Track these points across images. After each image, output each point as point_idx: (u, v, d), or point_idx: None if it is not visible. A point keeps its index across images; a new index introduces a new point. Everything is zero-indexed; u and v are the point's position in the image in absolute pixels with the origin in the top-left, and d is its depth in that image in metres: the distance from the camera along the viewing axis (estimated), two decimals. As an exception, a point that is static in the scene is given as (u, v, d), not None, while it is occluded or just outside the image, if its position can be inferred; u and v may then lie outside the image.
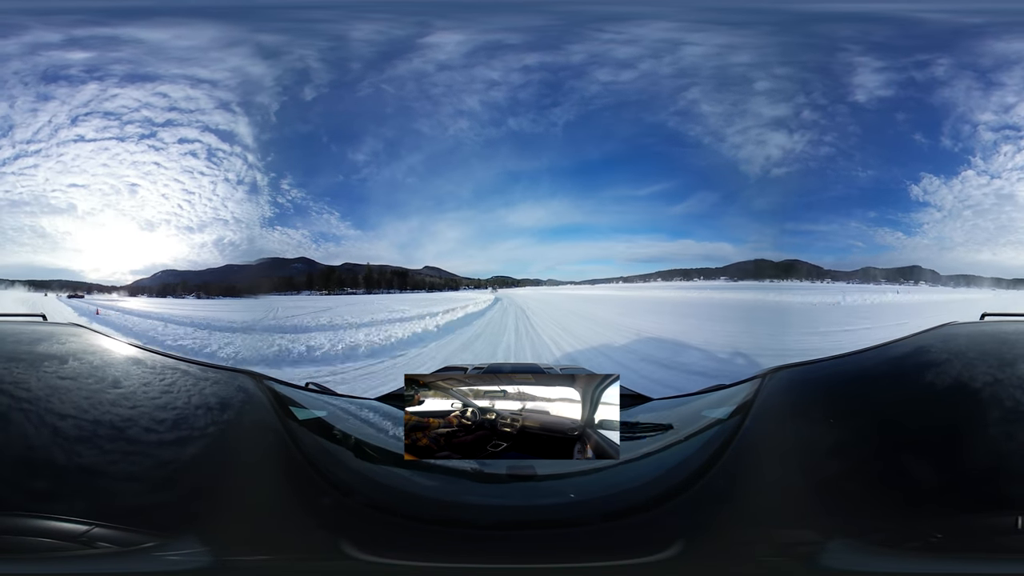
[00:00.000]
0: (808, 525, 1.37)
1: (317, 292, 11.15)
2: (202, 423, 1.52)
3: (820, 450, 1.50)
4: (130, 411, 1.51)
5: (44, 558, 1.25)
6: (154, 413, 1.52)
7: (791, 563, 1.33)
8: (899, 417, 1.56)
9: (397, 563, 1.31)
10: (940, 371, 1.72)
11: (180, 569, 1.27)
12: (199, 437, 1.48)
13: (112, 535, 1.28)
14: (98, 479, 1.36)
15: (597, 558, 1.32)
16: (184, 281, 10.26)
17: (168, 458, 1.43)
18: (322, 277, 11.17)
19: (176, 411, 1.54)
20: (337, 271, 11.31)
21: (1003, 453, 1.44)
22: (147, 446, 1.44)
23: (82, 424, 1.44)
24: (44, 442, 1.38)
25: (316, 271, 10.98)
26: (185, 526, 1.31)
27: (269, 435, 1.53)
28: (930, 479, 1.41)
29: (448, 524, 1.37)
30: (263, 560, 1.33)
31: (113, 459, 1.39)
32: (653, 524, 1.36)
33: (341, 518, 1.38)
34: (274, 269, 10.07)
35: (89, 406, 1.49)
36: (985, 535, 1.31)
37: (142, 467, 1.40)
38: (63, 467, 1.35)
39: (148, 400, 1.56)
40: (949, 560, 1.29)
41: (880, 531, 1.32)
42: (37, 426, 1.40)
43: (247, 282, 9.39)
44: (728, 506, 1.41)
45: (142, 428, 1.47)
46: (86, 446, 1.40)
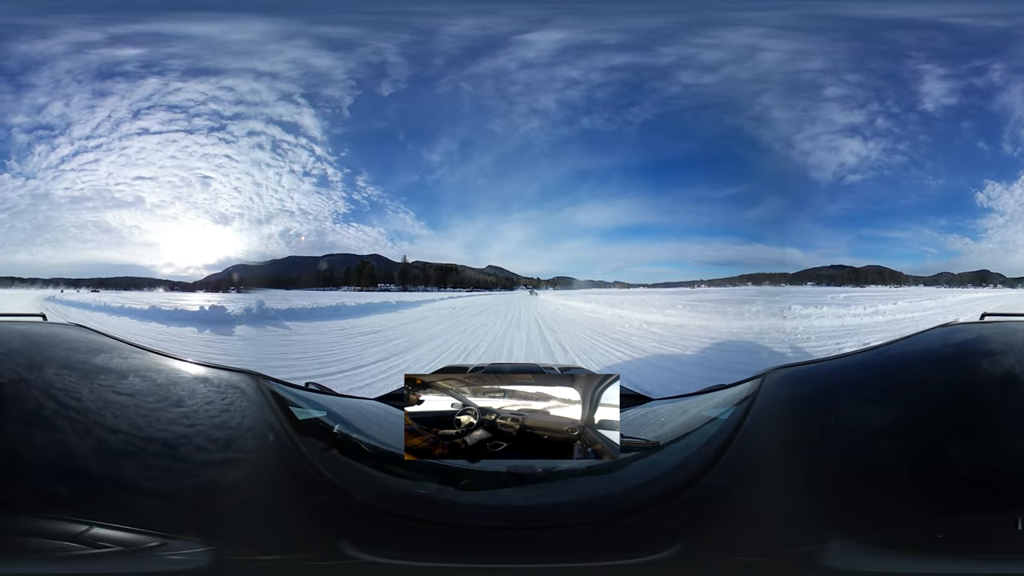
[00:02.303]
0: (808, 525, 1.37)
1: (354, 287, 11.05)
2: (202, 423, 1.52)
3: (820, 450, 1.50)
4: (129, 411, 1.51)
5: (45, 558, 1.25)
6: (154, 413, 1.52)
7: (790, 563, 1.33)
8: (899, 417, 1.56)
9: (397, 563, 1.31)
10: (940, 371, 1.72)
11: (181, 569, 1.27)
12: (199, 436, 1.48)
13: (113, 535, 1.28)
14: (98, 478, 1.36)
15: (597, 558, 1.32)
16: (244, 277, 10.01)
17: (168, 458, 1.43)
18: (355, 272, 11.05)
19: (175, 411, 1.54)
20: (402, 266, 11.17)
21: (1003, 453, 1.43)
22: (147, 446, 1.44)
23: (82, 425, 1.44)
24: (46, 442, 1.38)
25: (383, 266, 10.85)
26: (186, 526, 1.31)
27: (269, 435, 1.53)
28: (930, 479, 1.41)
29: (448, 524, 1.37)
30: (263, 560, 1.33)
31: (113, 460, 1.40)
32: (653, 524, 1.36)
33: (341, 518, 1.38)
34: (342, 263, 10.04)
35: (91, 405, 1.49)
36: (985, 535, 1.31)
37: (142, 468, 1.40)
38: (61, 468, 1.35)
39: (148, 400, 1.56)
40: (949, 560, 1.29)
41: (879, 531, 1.32)
42: (45, 429, 1.40)
43: (307, 275, 9.31)
44: (728, 506, 1.41)
45: (141, 428, 1.47)
46: (85, 447, 1.40)
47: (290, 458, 1.48)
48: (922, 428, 1.51)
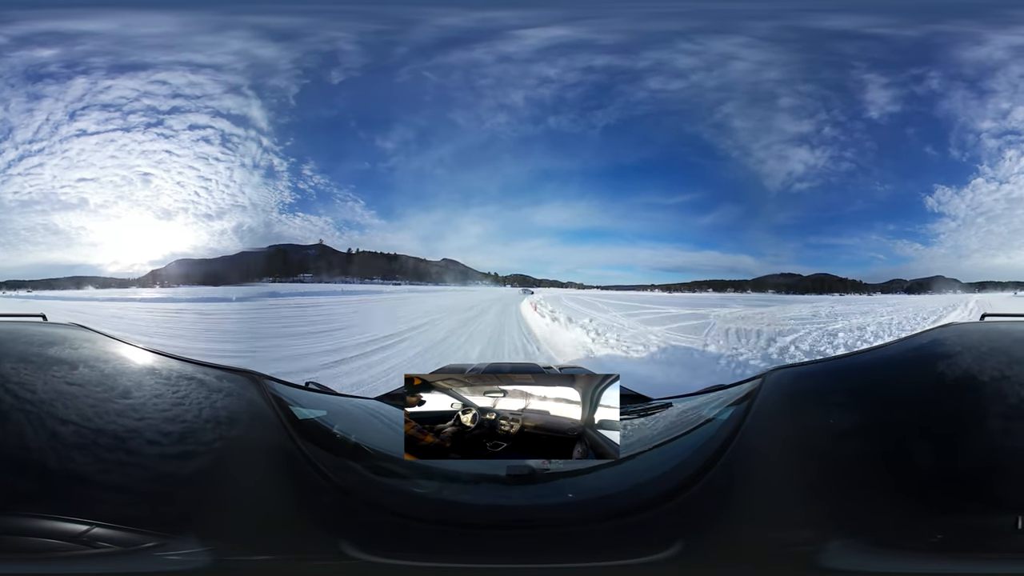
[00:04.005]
0: (808, 525, 1.37)
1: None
2: (201, 423, 1.52)
3: (820, 450, 1.50)
4: (130, 411, 1.51)
5: (45, 558, 1.25)
6: (154, 413, 1.52)
7: (791, 563, 1.33)
8: (899, 418, 1.56)
9: (397, 563, 1.31)
10: (940, 372, 1.72)
11: (180, 569, 1.27)
12: (199, 436, 1.48)
13: (112, 535, 1.28)
14: (98, 479, 1.36)
15: (597, 558, 1.32)
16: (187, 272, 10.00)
17: (168, 458, 1.43)
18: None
19: (176, 411, 1.54)
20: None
21: (1003, 454, 1.44)
22: (147, 446, 1.44)
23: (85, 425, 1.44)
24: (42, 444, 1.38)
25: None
26: (185, 526, 1.31)
27: (269, 435, 1.53)
28: (930, 480, 1.41)
29: (448, 524, 1.37)
30: (263, 560, 1.33)
31: (114, 459, 1.40)
32: (653, 524, 1.36)
33: (341, 518, 1.38)
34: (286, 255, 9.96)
35: (94, 405, 1.49)
36: (985, 535, 1.31)
37: (142, 467, 1.40)
38: (59, 468, 1.35)
39: (148, 400, 1.56)
40: (949, 560, 1.29)
41: (880, 531, 1.32)
42: (36, 427, 1.40)
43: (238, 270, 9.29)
44: (728, 506, 1.41)
45: (142, 428, 1.47)
46: (87, 446, 1.40)
47: (290, 458, 1.48)
48: (922, 428, 1.51)
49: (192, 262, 9.50)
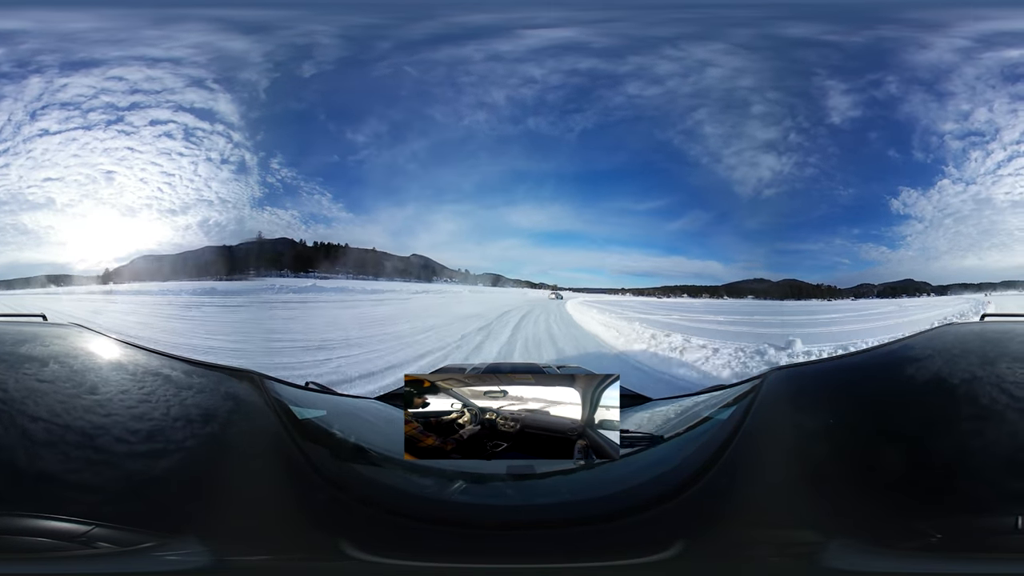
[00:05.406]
0: (808, 525, 1.37)
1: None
2: (202, 423, 1.52)
3: (820, 450, 1.50)
4: (130, 410, 1.51)
5: (44, 558, 1.25)
6: (154, 413, 1.52)
7: (791, 563, 1.33)
8: (899, 418, 1.56)
9: (396, 563, 1.30)
10: (940, 372, 1.72)
11: (179, 569, 1.27)
12: (199, 437, 1.48)
13: (112, 535, 1.28)
14: (96, 478, 1.36)
15: (597, 558, 1.32)
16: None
17: (168, 457, 1.43)
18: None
19: (176, 410, 1.54)
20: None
21: (1003, 453, 1.43)
22: (146, 445, 1.44)
23: (86, 425, 1.44)
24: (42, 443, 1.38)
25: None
26: (184, 526, 1.31)
27: (268, 435, 1.53)
28: (930, 479, 1.40)
29: (447, 524, 1.37)
30: (262, 560, 1.33)
31: (112, 458, 1.40)
32: (653, 524, 1.36)
33: (340, 518, 1.38)
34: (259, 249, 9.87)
35: (94, 404, 1.49)
36: (985, 535, 1.31)
37: (141, 467, 1.40)
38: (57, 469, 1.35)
39: (148, 400, 1.56)
40: (949, 560, 1.29)
41: (880, 531, 1.32)
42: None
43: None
44: (728, 506, 1.41)
45: (142, 428, 1.47)
46: (88, 445, 1.40)
47: (289, 458, 1.48)
48: (922, 427, 1.51)
49: (214, 250, 9.43)
